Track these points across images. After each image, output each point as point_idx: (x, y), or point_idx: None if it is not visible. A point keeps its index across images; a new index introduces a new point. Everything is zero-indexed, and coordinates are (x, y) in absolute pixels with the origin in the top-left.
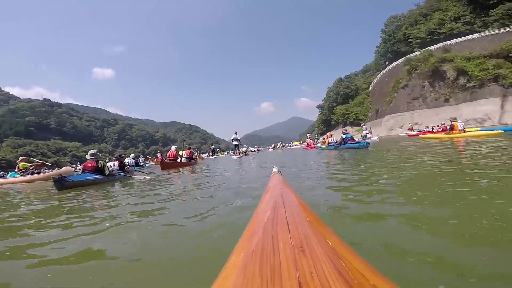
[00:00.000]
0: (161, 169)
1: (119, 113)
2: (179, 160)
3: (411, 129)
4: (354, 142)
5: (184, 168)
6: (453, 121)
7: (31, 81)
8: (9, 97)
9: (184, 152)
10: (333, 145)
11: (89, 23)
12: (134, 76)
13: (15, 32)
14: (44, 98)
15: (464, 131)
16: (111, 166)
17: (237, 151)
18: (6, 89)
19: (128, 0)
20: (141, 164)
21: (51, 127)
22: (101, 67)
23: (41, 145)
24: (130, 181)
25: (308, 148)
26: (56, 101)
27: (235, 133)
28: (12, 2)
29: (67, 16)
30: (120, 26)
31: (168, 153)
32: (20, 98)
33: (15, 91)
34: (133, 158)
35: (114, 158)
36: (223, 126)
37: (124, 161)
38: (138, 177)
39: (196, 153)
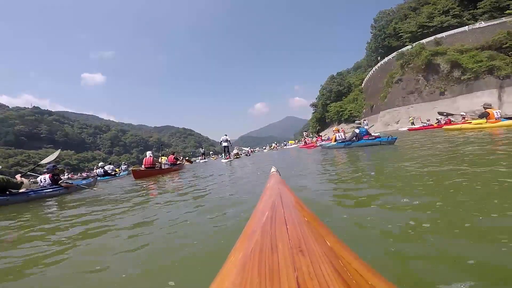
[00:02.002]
0: (134, 178)
1: (111, 119)
2: (157, 167)
3: (413, 123)
4: (373, 137)
5: (164, 176)
6: (488, 108)
7: (18, 89)
8: None
9: (164, 158)
10: (342, 142)
11: (76, 27)
12: (126, 81)
13: None
14: (34, 106)
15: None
16: (41, 181)
17: (228, 154)
18: None
19: (115, 4)
20: (112, 173)
21: (42, 135)
22: (90, 73)
23: (33, 155)
24: (51, 201)
25: (307, 148)
26: (46, 109)
27: (225, 135)
28: None
29: (52, 21)
30: (108, 31)
31: (144, 160)
32: (8, 107)
33: (2, 99)
34: (101, 167)
35: (44, 170)
36: (217, 128)
37: (64, 174)
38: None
39: (182, 158)
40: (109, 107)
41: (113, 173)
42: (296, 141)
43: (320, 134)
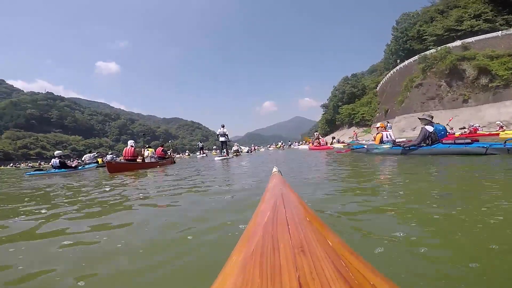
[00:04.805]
0: (109, 172)
1: (122, 108)
2: (139, 159)
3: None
4: (465, 141)
5: (146, 171)
6: None
7: (35, 75)
8: (12, 90)
9: (151, 150)
10: (397, 145)
11: (93, 18)
12: (138, 71)
13: (19, 27)
14: (48, 92)
15: None
16: None
17: (225, 151)
18: (10, 82)
19: None
20: (73, 165)
21: (52, 120)
22: (104, 61)
23: (41, 138)
24: None
25: (318, 150)
26: (59, 95)
27: (222, 127)
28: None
29: (71, 10)
30: (124, 22)
31: (124, 151)
32: (23, 91)
33: (18, 84)
34: (57, 156)
35: None
36: (225, 124)
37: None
38: None
39: (171, 152)
40: (120, 96)
41: (74, 164)
42: (304, 141)
43: (320, 137)
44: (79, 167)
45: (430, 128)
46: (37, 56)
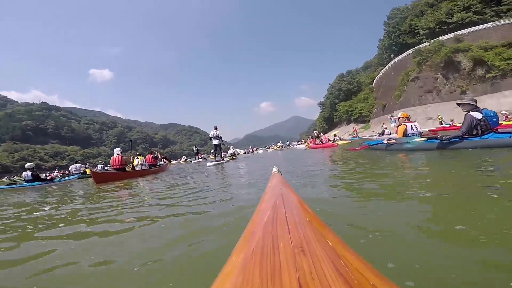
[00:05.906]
0: (95, 182)
1: (118, 116)
2: (128, 168)
3: (441, 122)
4: None
5: (137, 180)
6: None
7: (28, 85)
8: (6, 101)
9: (141, 158)
10: (432, 138)
11: (84, 24)
12: (133, 78)
13: (10, 35)
14: (42, 102)
15: None
16: None
17: (220, 155)
18: (3, 93)
19: (124, 0)
20: (47, 177)
21: (48, 131)
22: (98, 68)
23: (39, 150)
24: None
25: (321, 148)
26: (54, 105)
27: (215, 128)
28: (5, 4)
29: (61, 18)
30: (116, 27)
31: (111, 160)
32: (17, 102)
33: (11, 95)
34: (29, 169)
35: None
36: (223, 127)
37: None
38: None
39: (162, 157)
40: (117, 104)
41: (49, 177)
42: (302, 140)
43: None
44: (56, 179)
45: (477, 115)
46: (29, 65)
